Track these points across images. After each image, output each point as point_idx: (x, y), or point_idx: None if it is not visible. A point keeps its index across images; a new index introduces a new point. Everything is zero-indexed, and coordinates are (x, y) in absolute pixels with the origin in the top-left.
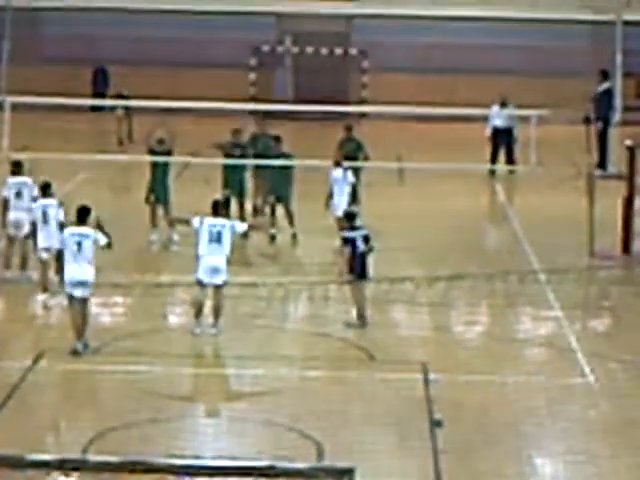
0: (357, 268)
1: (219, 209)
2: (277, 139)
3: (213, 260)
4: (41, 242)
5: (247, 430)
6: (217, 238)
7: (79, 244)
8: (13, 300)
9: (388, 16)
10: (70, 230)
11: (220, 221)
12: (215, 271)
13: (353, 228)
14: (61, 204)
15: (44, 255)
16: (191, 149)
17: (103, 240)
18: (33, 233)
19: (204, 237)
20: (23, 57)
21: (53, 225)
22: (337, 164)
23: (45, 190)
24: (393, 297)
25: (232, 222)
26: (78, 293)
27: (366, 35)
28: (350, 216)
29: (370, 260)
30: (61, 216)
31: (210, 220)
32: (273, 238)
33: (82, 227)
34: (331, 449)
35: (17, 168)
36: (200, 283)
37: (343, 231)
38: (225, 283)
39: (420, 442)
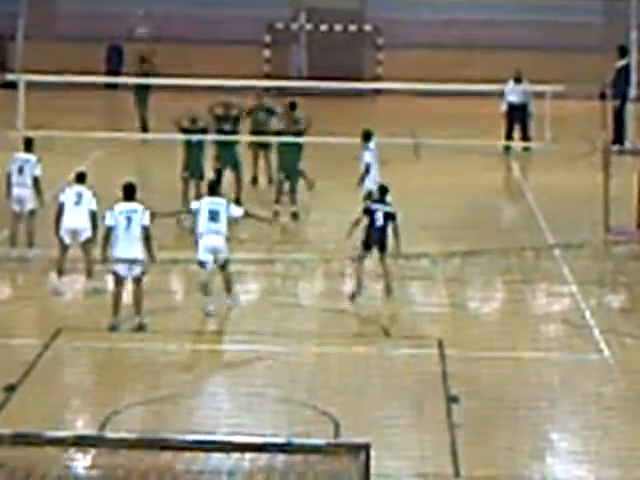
0: (371, 241)
1: (216, 188)
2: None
3: (212, 240)
4: (68, 222)
5: (263, 406)
6: (215, 217)
7: (129, 220)
8: (27, 278)
9: None
10: (119, 207)
11: (217, 200)
12: (214, 251)
13: (380, 202)
14: (94, 194)
15: (67, 239)
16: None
17: (147, 220)
18: (58, 215)
19: (203, 216)
20: (38, 35)
21: (85, 209)
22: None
23: (81, 179)
24: (409, 273)
25: (229, 204)
26: (124, 271)
27: (380, 11)
28: (381, 190)
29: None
30: (93, 204)
31: (208, 199)
32: (276, 214)
33: (131, 203)
34: (347, 425)
35: (26, 145)
36: (201, 264)
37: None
38: (227, 261)
39: (436, 417)
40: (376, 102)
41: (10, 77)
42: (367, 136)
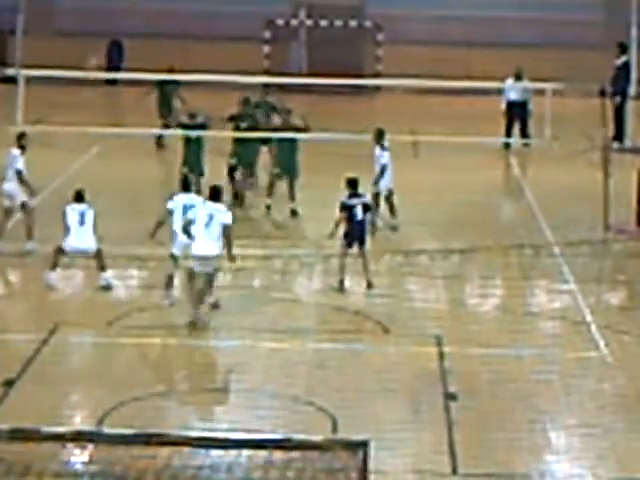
0: (352, 236)
1: (189, 186)
2: (288, 112)
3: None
4: (73, 243)
5: (262, 403)
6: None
7: (210, 217)
8: (25, 272)
9: None
10: (204, 205)
11: (192, 196)
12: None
13: (354, 196)
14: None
15: (72, 254)
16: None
17: (229, 219)
18: (66, 232)
19: (178, 212)
20: (37, 30)
21: (89, 228)
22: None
23: (80, 197)
24: (408, 270)
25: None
26: (199, 267)
27: (380, 8)
28: (352, 183)
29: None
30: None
31: (183, 196)
32: (268, 208)
33: (216, 204)
34: (345, 422)
35: (17, 139)
36: (173, 257)
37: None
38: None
39: (434, 415)
40: (375, 99)
41: (10, 72)
42: (380, 135)
